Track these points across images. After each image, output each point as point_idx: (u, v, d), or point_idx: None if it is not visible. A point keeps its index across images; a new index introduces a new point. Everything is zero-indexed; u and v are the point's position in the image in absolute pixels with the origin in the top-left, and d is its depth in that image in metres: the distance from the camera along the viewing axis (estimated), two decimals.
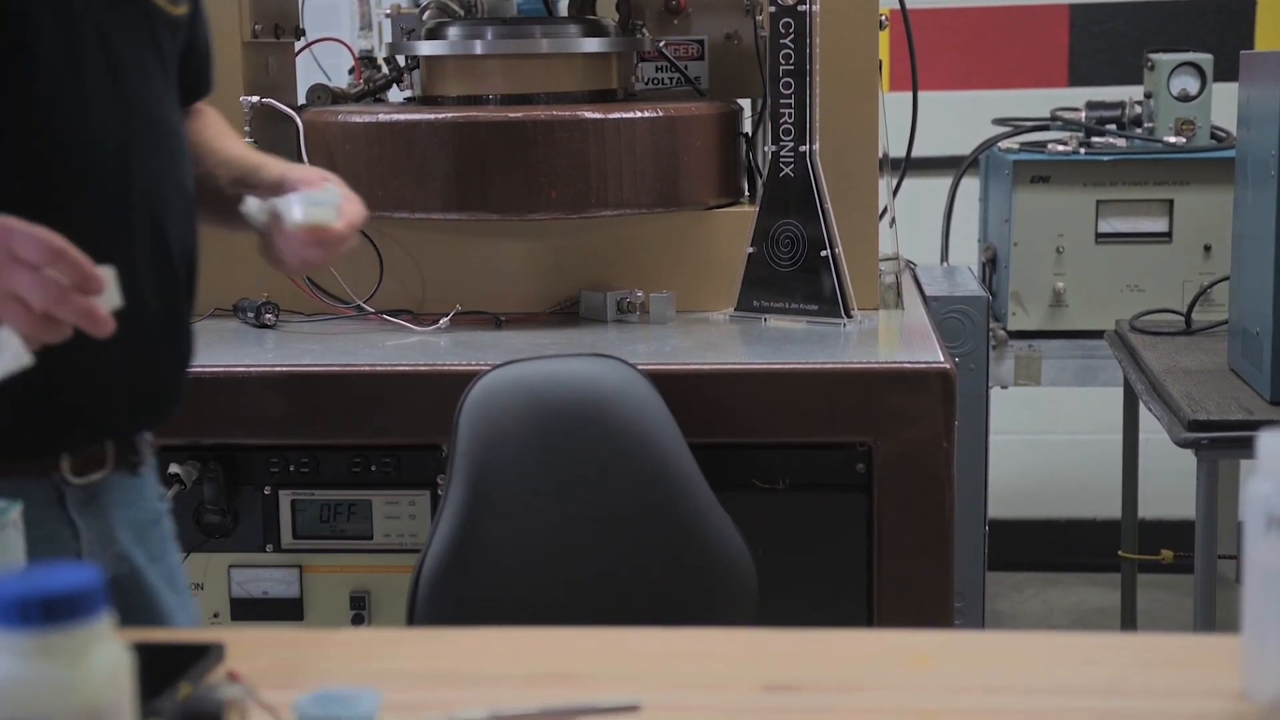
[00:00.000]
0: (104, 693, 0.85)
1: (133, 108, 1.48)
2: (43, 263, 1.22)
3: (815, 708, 1.12)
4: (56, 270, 1.22)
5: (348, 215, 1.56)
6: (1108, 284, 2.94)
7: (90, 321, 1.24)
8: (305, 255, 1.55)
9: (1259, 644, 1.09)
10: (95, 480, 1.52)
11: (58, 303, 1.22)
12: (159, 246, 1.51)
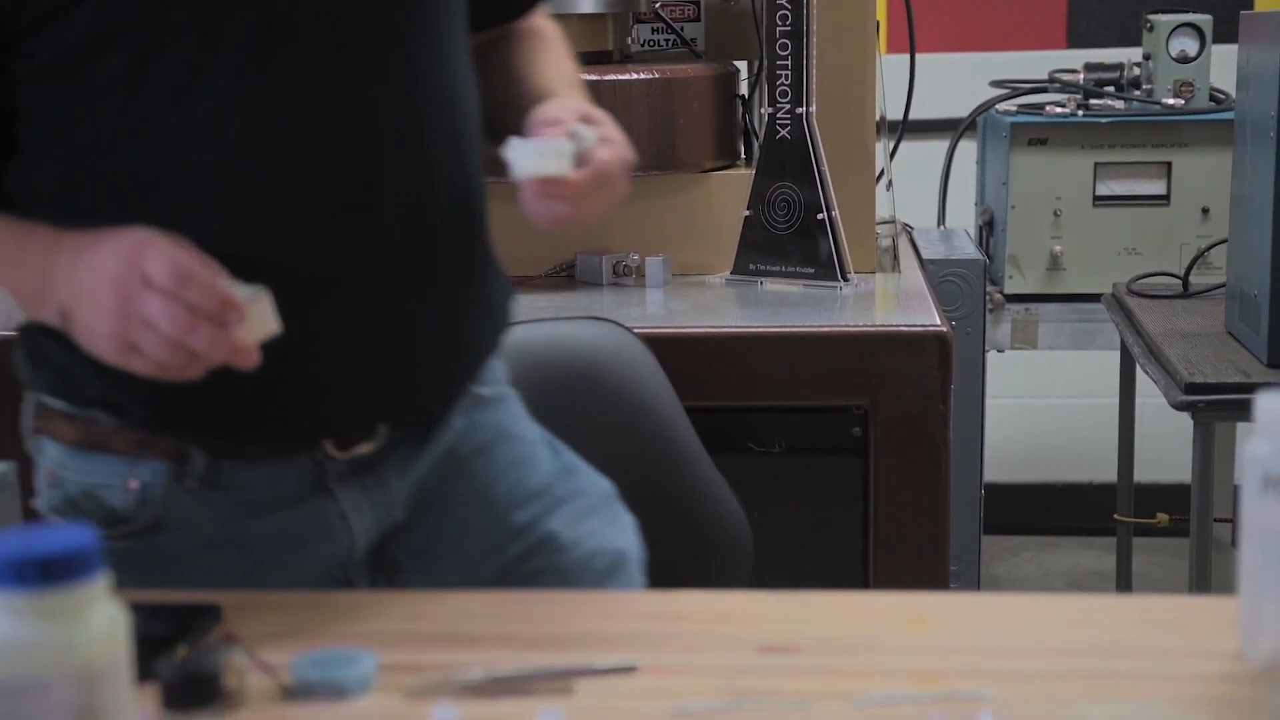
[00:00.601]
0: (101, 653, 0.85)
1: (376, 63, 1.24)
2: (172, 287, 1.10)
3: (812, 669, 1.12)
4: (187, 295, 1.10)
5: (596, 162, 1.26)
6: (1105, 247, 2.93)
7: (227, 354, 1.12)
8: (542, 210, 1.27)
9: (1255, 604, 1.09)
10: (362, 454, 1.34)
11: (187, 332, 1.10)
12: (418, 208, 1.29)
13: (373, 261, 1.27)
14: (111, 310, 1.12)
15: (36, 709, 0.84)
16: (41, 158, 1.25)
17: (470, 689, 1.08)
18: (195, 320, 1.10)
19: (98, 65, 1.18)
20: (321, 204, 1.23)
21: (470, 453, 1.40)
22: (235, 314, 1.11)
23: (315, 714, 1.06)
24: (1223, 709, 1.03)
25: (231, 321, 1.11)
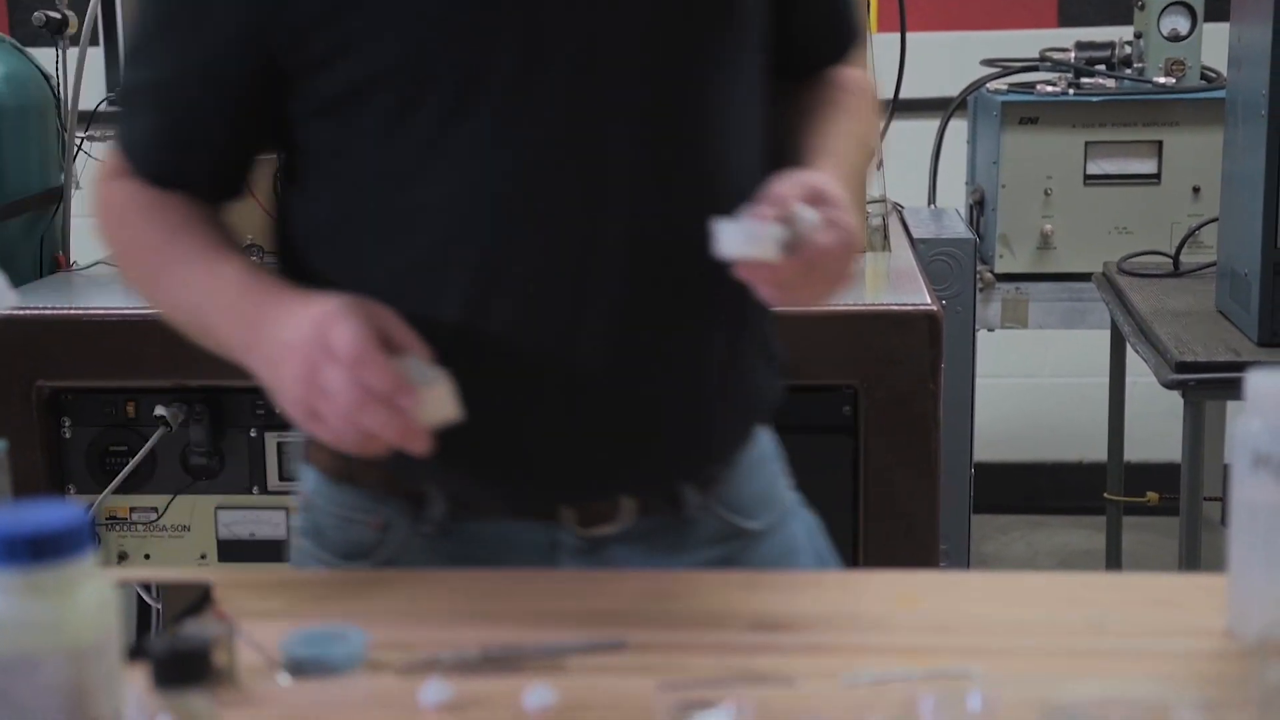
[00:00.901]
0: (91, 630, 0.85)
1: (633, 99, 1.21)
2: (350, 362, 1.10)
3: (801, 647, 1.12)
4: (362, 373, 1.10)
5: (809, 249, 1.14)
6: (1096, 226, 2.93)
7: (398, 434, 1.11)
8: (756, 287, 1.16)
9: (1245, 581, 1.10)
10: (601, 534, 1.31)
11: (359, 409, 1.10)
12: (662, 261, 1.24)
13: (614, 303, 1.23)
14: (297, 377, 1.13)
15: (26, 686, 0.84)
16: (316, 191, 1.29)
17: (461, 666, 1.08)
18: (368, 398, 1.10)
19: (364, 109, 1.20)
20: (567, 248, 1.22)
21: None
22: (407, 397, 1.11)
23: (306, 691, 1.06)
24: (1212, 686, 1.03)
25: (403, 404, 1.11)
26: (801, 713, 0.99)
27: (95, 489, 2.34)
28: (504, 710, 1.01)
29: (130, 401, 2.33)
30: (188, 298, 1.28)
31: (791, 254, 1.13)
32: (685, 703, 1.01)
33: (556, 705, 1.01)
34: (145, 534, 2.38)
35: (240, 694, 1.05)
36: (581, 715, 1.01)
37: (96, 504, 2.33)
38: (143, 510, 2.37)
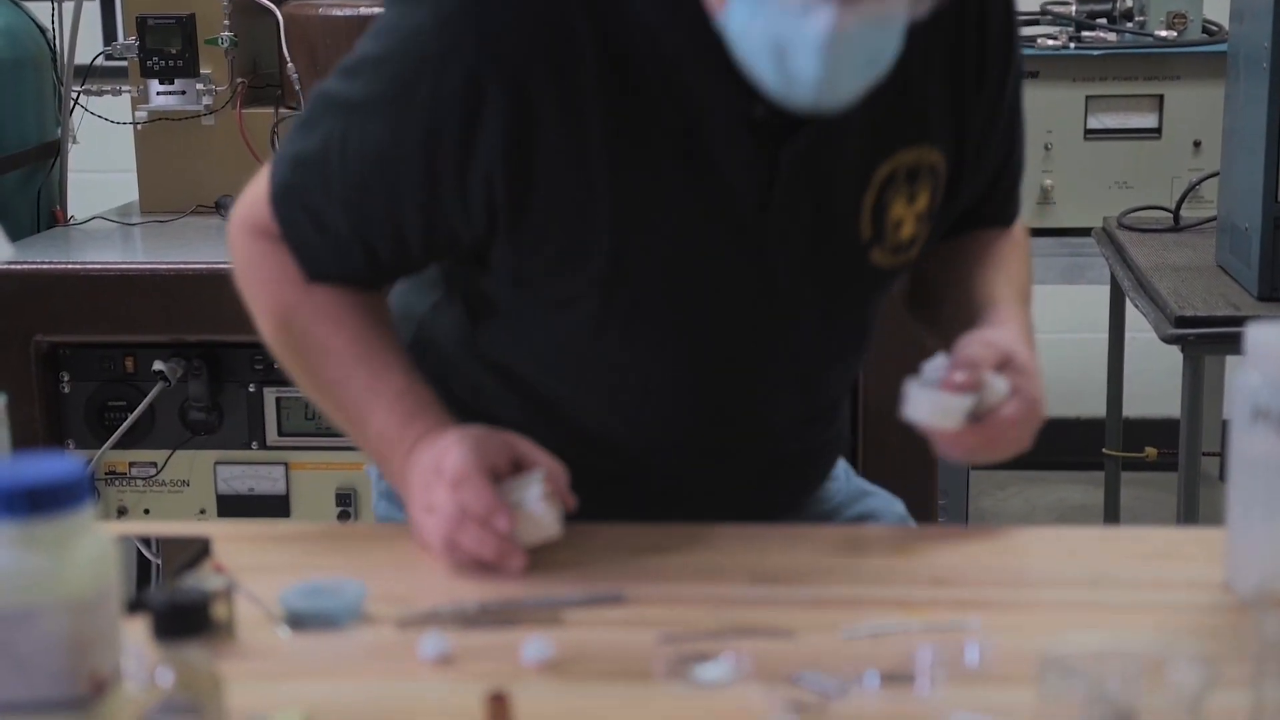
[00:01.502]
0: (90, 583, 0.85)
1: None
2: (450, 483, 1.17)
3: (800, 599, 1.12)
4: (460, 494, 1.16)
5: (993, 420, 1.19)
6: (1096, 181, 2.92)
7: (494, 554, 1.16)
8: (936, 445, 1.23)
9: (1243, 535, 1.10)
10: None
11: (456, 527, 1.17)
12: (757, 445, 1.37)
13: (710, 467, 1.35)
14: (414, 499, 1.22)
15: (25, 638, 0.84)
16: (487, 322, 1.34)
17: (459, 619, 1.08)
18: (464, 518, 1.17)
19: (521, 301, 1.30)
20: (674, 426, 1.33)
21: None
22: (503, 519, 1.15)
23: (305, 644, 1.06)
24: (1210, 639, 1.03)
25: (499, 525, 1.16)
26: (801, 665, 0.99)
27: (94, 444, 2.34)
28: (502, 663, 1.02)
29: (129, 356, 2.33)
30: (341, 398, 1.32)
31: (976, 421, 1.18)
32: (684, 655, 1.02)
33: (555, 658, 1.02)
34: (144, 489, 2.38)
35: (239, 647, 1.06)
36: (580, 668, 1.01)
37: (95, 459, 2.33)
38: (142, 465, 2.38)
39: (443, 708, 0.96)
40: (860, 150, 1.26)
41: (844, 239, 1.28)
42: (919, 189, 1.29)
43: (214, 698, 0.86)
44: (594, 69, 1.17)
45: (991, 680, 0.99)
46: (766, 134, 1.21)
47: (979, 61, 1.29)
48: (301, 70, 2.53)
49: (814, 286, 1.30)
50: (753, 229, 1.25)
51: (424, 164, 1.21)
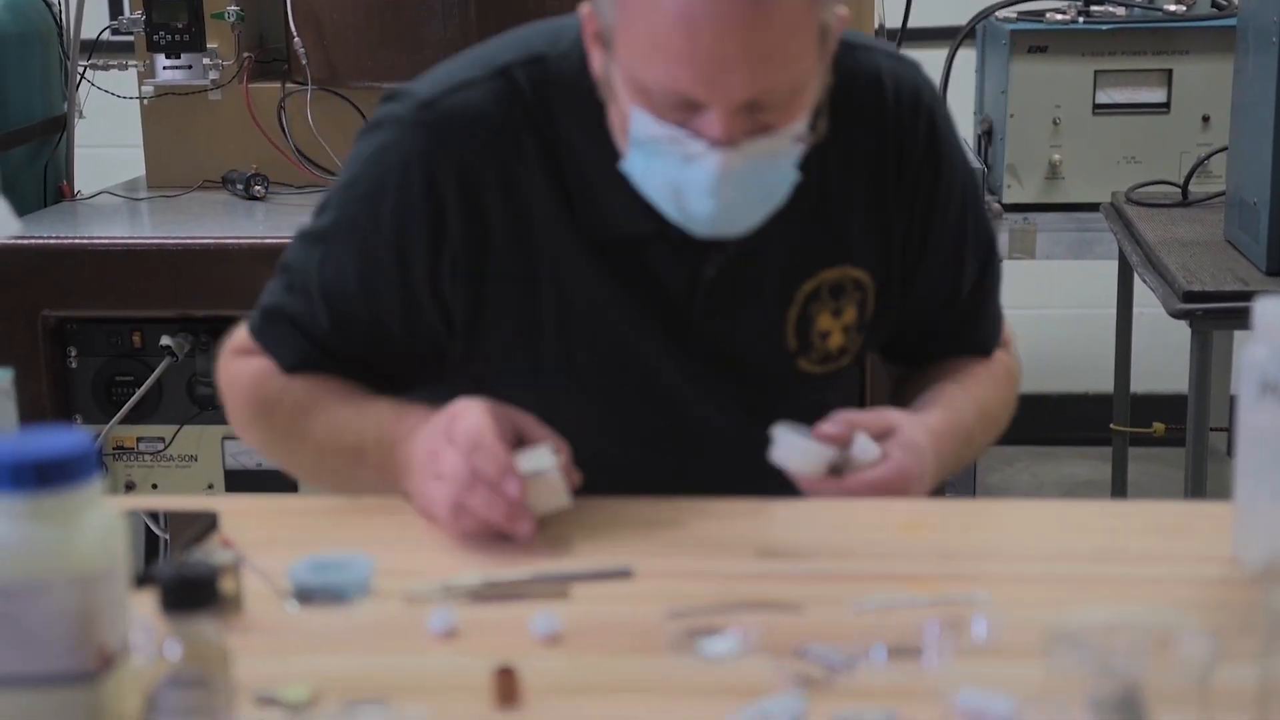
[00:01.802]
0: (98, 556, 0.86)
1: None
2: (462, 447, 1.17)
3: (808, 574, 1.12)
4: (474, 458, 1.16)
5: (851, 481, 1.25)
6: (1105, 155, 2.91)
7: (503, 517, 1.16)
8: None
9: (1251, 508, 1.10)
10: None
11: (467, 489, 1.16)
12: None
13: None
14: (422, 465, 1.22)
15: (34, 611, 0.84)
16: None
17: (467, 593, 1.08)
18: (475, 481, 1.16)
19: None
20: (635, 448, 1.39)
21: None
22: (513, 484, 1.16)
23: (313, 618, 1.06)
24: (1217, 612, 1.03)
25: (509, 490, 1.16)
26: (808, 638, 0.99)
27: (102, 419, 2.35)
28: (510, 637, 1.02)
29: (136, 331, 2.33)
30: (337, 438, 1.34)
31: (835, 475, 1.24)
32: (692, 630, 1.02)
33: (563, 632, 1.02)
34: (152, 464, 2.38)
35: (247, 621, 1.06)
36: (587, 642, 1.01)
37: (103, 434, 2.33)
38: (150, 440, 2.38)
39: (451, 681, 0.96)
40: (783, 269, 1.36)
41: (771, 348, 1.38)
42: (844, 304, 1.38)
43: (222, 671, 0.86)
44: (538, 177, 1.31)
45: (999, 654, 0.99)
46: (689, 250, 1.31)
47: (899, 186, 1.37)
48: (308, 44, 2.53)
49: (745, 388, 1.38)
50: (683, 335, 1.35)
51: (399, 267, 1.32)
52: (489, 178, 1.30)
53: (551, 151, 1.31)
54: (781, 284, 1.37)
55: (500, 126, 1.30)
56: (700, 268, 1.34)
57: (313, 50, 2.53)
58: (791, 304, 1.37)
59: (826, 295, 1.37)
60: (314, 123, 2.53)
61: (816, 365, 1.39)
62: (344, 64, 2.55)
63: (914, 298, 1.42)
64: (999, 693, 0.89)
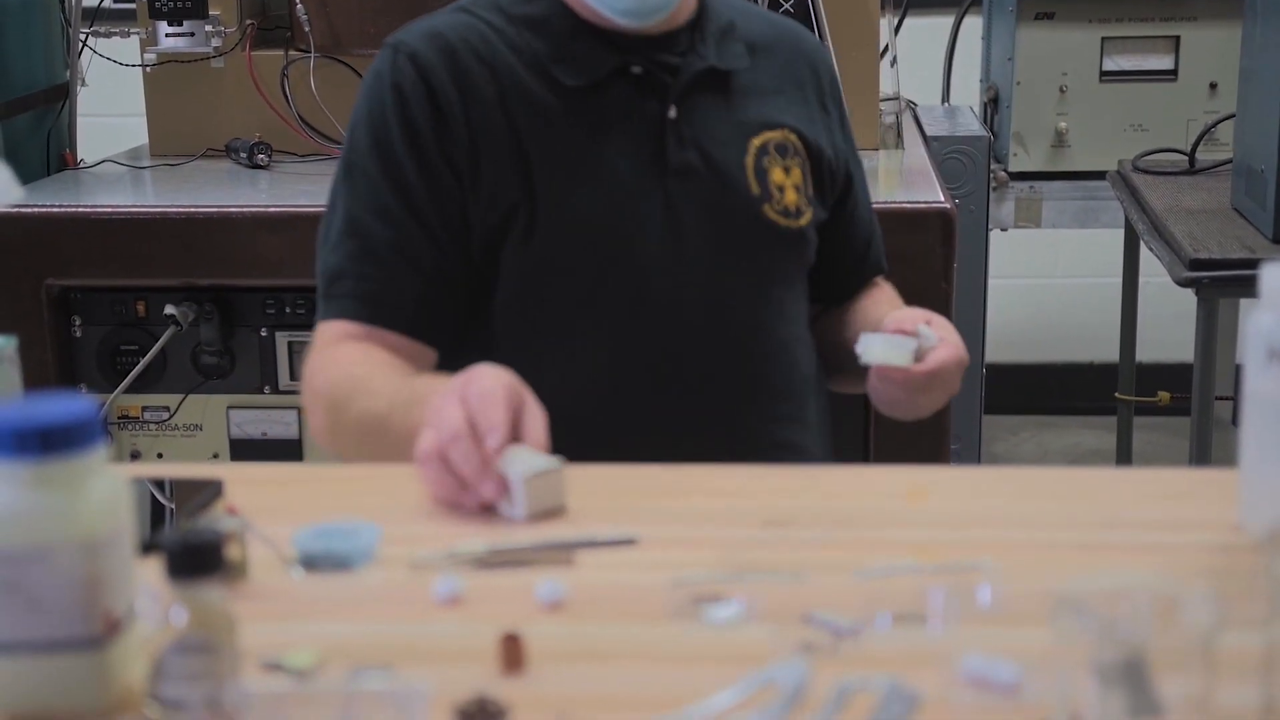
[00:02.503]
0: (103, 522, 0.86)
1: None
2: (474, 397, 1.19)
3: (812, 542, 1.12)
4: (474, 411, 1.17)
5: (933, 360, 1.44)
6: (1111, 124, 2.90)
7: (469, 472, 1.16)
8: (882, 394, 1.50)
9: (1256, 475, 1.09)
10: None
11: (451, 438, 1.16)
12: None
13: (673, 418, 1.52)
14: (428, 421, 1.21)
15: (39, 578, 0.84)
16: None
17: (472, 561, 1.09)
18: (462, 434, 1.17)
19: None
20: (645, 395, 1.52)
21: None
22: (496, 437, 1.17)
23: (318, 586, 1.07)
24: (1222, 578, 1.03)
25: (491, 443, 1.17)
26: (812, 606, 0.99)
27: (107, 388, 2.34)
28: (515, 604, 1.02)
29: (140, 300, 2.32)
30: (391, 397, 1.40)
31: (919, 361, 1.43)
32: (696, 597, 1.02)
33: (567, 600, 1.02)
34: (157, 433, 2.38)
35: (252, 588, 1.06)
36: (592, 610, 1.01)
37: (108, 403, 2.33)
38: (154, 409, 2.38)
39: (456, 648, 0.97)
40: (734, 122, 1.56)
41: (738, 193, 1.54)
42: (790, 163, 1.58)
43: (227, 637, 0.86)
44: (508, 55, 1.52)
45: (1004, 621, 0.99)
46: (651, 89, 1.52)
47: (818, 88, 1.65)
48: (311, 11, 2.52)
49: (720, 236, 1.53)
50: (658, 186, 1.51)
51: (414, 152, 1.48)
52: (469, 62, 1.50)
53: (513, 41, 1.53)
54: (735, 134, 1.56)
55: (467, 26, 1.53)
56: (663, 108, 1.53)
57: (315, 17, 2.52)
58: (746, 152, 1.56)
59: (774, 151, 1.58)
60: (317, 90, 2.52)
61: (779, 216, 1.56)
62: (347, 31, 2.54)
63: (846, 219, 1.66)
64: (1004, 659, 0.89)
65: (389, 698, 0.84)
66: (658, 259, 1.52)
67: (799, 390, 1.58)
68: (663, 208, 1.52)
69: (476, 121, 1.49)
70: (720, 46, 1.58)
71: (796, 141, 1.59)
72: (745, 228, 1.55)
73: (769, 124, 1.58)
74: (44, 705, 0.86)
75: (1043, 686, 0.88)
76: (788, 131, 1.59)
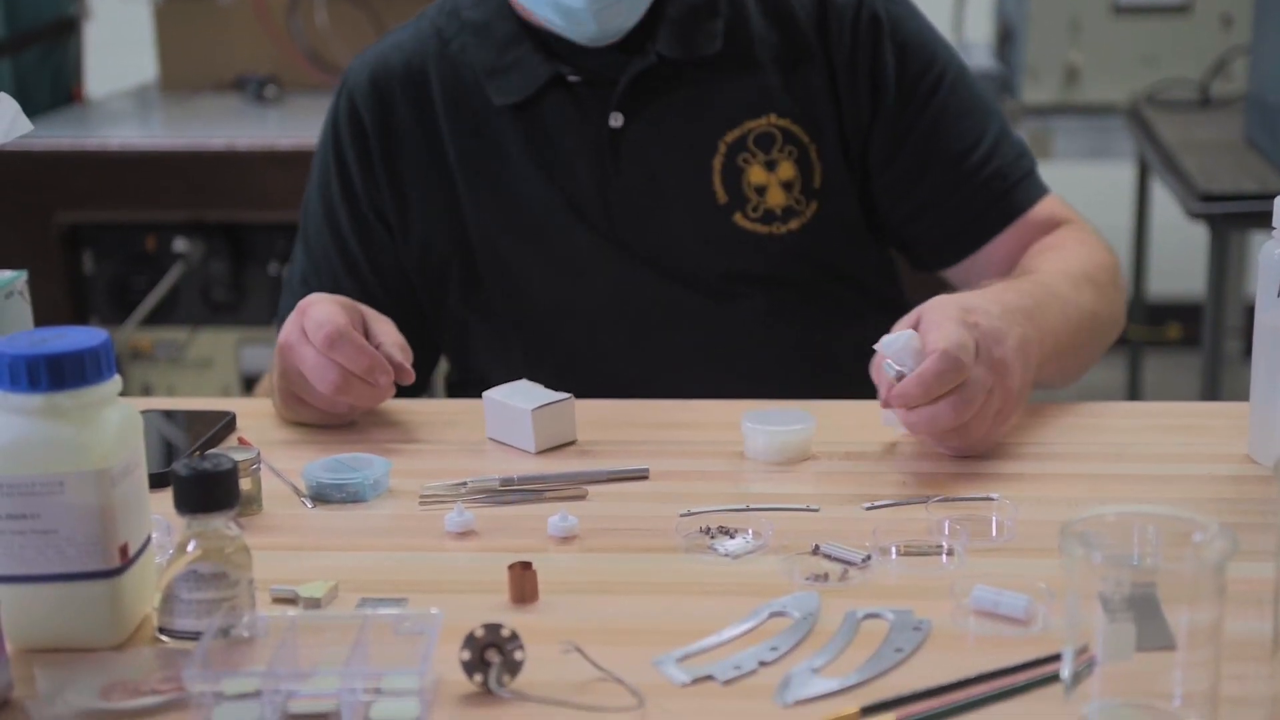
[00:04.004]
0: (115, 452, 0.86)
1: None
2: (322, 347, 1.16)
3: (822, 475, 1.12)
4: (336, 355, 1.16)
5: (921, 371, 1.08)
6: (1124, 57, 2.88)
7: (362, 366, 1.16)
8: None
9: (1267, 406, 1.09)
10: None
11: (328, 345, 1.16)
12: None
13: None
14: (280, 349, 1.21)
15: (52, 508, 0.85)
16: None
17: (485, 493, 1.09)
18: (338, 338, 1.16)
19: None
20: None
21: None
22: (385, 374, 1.17)
23: (330, 518, 1.07)
24: (1232, 509, 1.03)
25: (380, 382, 1.17)
26: (822, 537, 1.00)
27: (117, 323, 2.35)
28: (527, 537, 1.02)
29: (150, 235, 2.33)
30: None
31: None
32: (707, 529, 1.02)
33: (579, 531, 1.02)
34: (169, 368, 2.39)
35: (265, 520, 1.07)
36: (604, 542, 1.02)
37: (120, 338, 2.34)
38: (165, 345, 2.38)
39: (468, 577, 0.97)
40: (702, 117, 1.38)
41: (700, 202, 1.38)
42: (776, 157, 1.38)
43: (241, 568, 0.87)
44: (440, 100, 1.40)
45: (1013, 551, 0.99)
46: (590, 100, 1.37)
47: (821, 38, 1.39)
48: None
49: (687, 246, 1.38)
50: (602, 215, 1.38)
51: (342, 184, 1.43)
52: (400, 100, 1.41)
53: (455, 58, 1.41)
54: (701, 133, 1.38)
55: (416, 47, 1.42)
56: (604, 120, 1.37)
57: None
58: (715, 153, 1.38)
59: (754, 146, 1.38)
60: (325, 26, 2.51)
61: (758, 223, 1.39)
62: None
63: (908, 175, 1.41)
64: (1013, 590, 0.89)
65: (401, 627, 0.84)
66: (608, 303, 1.40)
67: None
68: (607, 241, 1.39)
69: (406, 172, 1.41)
70: (681, 30, 1.37)
71: (786, 126, 1.39)
72: (714, 242, 1.39)
73: (750, 112, 1.38)
74: (58, 635, 0.87)
75: (1052, 617, 0.88)
76: (772, 118, 1.38)
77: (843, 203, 1.41)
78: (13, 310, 1.09)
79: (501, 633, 0.82)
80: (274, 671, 0.80)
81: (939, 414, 1.08)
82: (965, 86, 1.43)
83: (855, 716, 0.80)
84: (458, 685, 0.82)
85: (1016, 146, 1.45)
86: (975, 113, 1.43)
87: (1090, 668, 0.76)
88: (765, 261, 1.40)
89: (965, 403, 1.08)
